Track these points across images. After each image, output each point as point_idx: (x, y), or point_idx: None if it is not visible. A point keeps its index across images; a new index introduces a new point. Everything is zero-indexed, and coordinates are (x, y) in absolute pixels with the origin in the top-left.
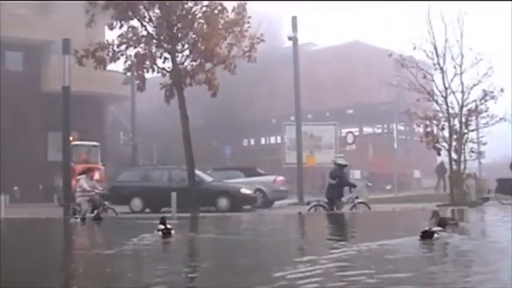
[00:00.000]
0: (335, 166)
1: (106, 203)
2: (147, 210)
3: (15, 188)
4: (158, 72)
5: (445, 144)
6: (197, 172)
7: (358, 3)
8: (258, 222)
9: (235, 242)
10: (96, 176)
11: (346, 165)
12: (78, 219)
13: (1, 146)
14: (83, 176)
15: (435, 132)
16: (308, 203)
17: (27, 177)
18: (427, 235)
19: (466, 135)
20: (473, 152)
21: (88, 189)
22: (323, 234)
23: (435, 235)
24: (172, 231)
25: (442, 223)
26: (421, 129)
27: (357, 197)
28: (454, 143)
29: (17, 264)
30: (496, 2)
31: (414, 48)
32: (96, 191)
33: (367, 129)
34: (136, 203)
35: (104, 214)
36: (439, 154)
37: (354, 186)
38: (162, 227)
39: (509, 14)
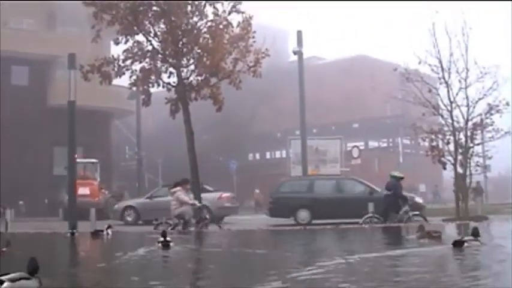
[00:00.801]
0: (391, 178)
1: (207, 216)
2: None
3: (21, 202)
4: (163, 87)
5: (451, 158)
6: (368, 183)
7: (363, 17)
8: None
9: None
10: (87, 190)
11: (402, 178)
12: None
13: (7, 160)
14: (179, 188)
15: (440, 146)
16: (363, 215)
17: (32, 192)
18: (458, 244)
19: (471, 149)
20: (478, 166)
21: (190, 202)
22: None
23: (466, 244)
24: (171, 244)
25: (430, 235)
26: (426, 143)
27: (412, 209)
28: (459, 157)
29: None
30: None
31: (419, 63)
32: (197, 204)
33: (372, 143)
34: (303, 214)
35: (204, 229)
36: (444, 168)
37: (406, 199)
38: (162, 239)
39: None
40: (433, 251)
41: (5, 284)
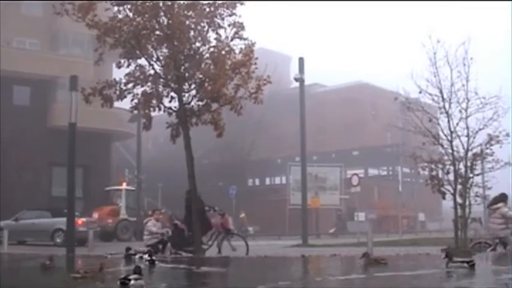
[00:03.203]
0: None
1: None
2: None
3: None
4: (164, 111)
5: (450, 188)
6: None
7: (365, 45)
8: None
9: None
10: (96, 215)
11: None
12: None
13: (6, 180)
14: (501, 204)
15: (440, 176)
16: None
17: None
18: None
19: (471, 180)
20: (478, 196)
21: None
22: None
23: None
24: (156, 262)
25: (377, 262)
26: (426, 173)
27: None
28: (459, 187)
29: None
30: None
31: (420, 92)
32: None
33: (372, 171)
34: None
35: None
36: (443, 198)
37: None
38: (148, 258)
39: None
40: None
41: (133, 280)
